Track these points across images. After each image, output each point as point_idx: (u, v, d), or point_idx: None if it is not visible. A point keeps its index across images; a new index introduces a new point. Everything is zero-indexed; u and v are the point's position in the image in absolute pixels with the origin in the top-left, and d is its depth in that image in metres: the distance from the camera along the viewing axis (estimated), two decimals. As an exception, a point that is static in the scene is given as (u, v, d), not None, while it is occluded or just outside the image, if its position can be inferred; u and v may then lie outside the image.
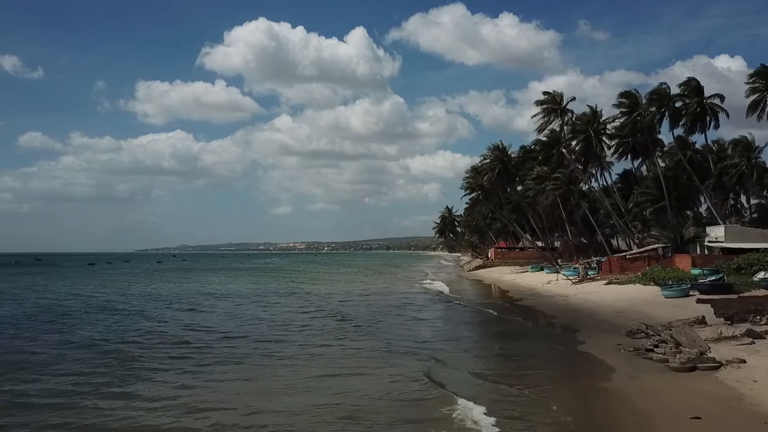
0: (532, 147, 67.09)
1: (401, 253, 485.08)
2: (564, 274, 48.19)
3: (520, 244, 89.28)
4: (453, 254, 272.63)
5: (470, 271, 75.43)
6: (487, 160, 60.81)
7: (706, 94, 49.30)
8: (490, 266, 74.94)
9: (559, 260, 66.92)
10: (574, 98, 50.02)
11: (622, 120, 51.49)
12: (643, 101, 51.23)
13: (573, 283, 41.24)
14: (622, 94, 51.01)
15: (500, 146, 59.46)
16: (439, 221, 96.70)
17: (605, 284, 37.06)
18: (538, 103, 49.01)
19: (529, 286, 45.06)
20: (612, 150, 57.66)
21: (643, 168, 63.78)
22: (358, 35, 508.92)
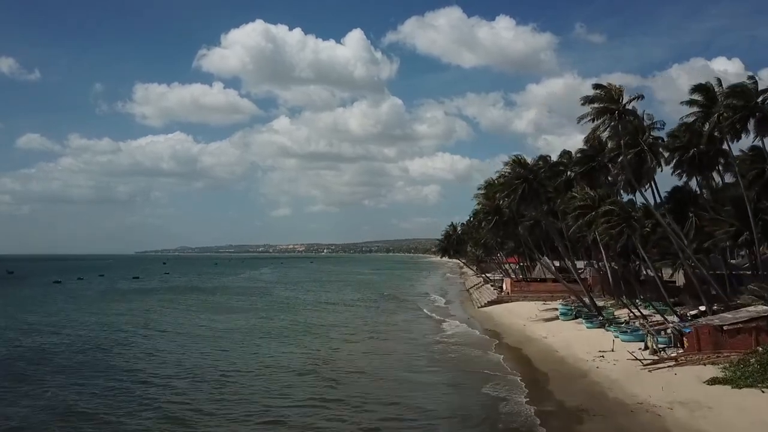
0: (559, 159, 53.94)
1: (402, 258, 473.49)
2: (620, 338, 35.03)
3: (537, 270, 76.39)
4: (453, 259, 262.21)
5: (481, 307, 62.23)
6: (503, 179, 47.28)
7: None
8: (506, 301, 61.74)
9: (590, 295, 53.66)
10: (641, 96, 36.46)
11: (693, 120, 38.70)
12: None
13: (644, 365, 28.01)
14: (697, 88, 37.83)
15: (522, 160, 46.00)
16: (443, 239, 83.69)
17: (707, 383, 23.81)
18: (587, 100, 35.65)
19: (575, 361, 31.84)
20: (668, 164, 44.96)
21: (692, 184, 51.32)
22: (355, 37, 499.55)
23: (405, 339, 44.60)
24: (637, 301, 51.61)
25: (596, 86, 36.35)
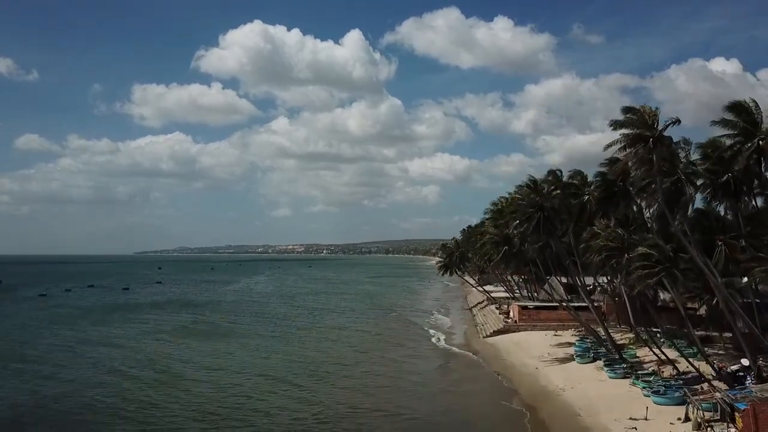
0: (570, 180, 49.35)
1: (402, 261, 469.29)
2: (652, 399, 30.67)
3: (545, 291, 72.00)
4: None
5: (486, 337, 57.83)
6: (514, 206, 42.66)
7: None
8: (513, 331, 57.48)
9: (606, 328, 49.16)
10: (677, 121, 31.87)
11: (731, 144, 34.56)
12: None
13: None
14: (732, 107, 33.55)
15: (536, 185, 41.30)
16: (445, 257, 79.42)
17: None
18: (616, 125, 31.18)
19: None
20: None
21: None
22: (353, 38, 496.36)
23: (409, 385, 40.21)
24: (657, 333, 47.36)
25: (627, 109, 31.81)
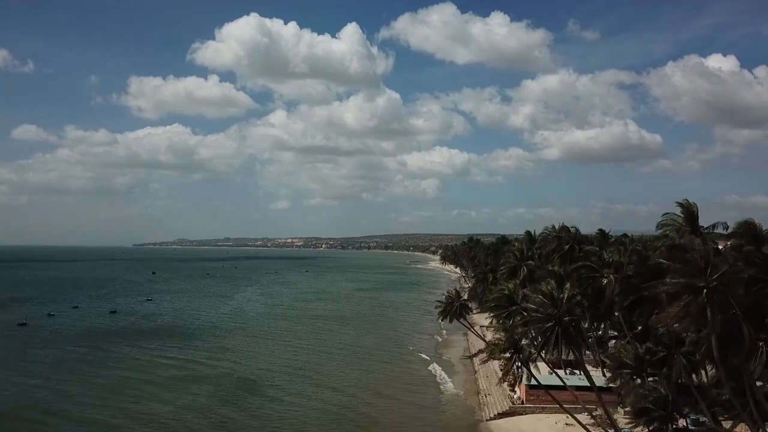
0: (585, 263, 44.03)
1: (401, 261, 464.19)
2: None
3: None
4: (452, 266, 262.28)
5: (490, 419, 52.65)
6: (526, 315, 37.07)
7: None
8: (520, 413, 52.37)
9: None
10: (726, 230, 26.14)
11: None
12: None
13: None
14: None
15: (553, 292, 35.18)
16: (445, 304, 74.03)
17: None
18: (658, 270, 25.60)
19: None
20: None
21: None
22: (350, 31, 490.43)
23: None
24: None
25: (671, 248, 26.22)
